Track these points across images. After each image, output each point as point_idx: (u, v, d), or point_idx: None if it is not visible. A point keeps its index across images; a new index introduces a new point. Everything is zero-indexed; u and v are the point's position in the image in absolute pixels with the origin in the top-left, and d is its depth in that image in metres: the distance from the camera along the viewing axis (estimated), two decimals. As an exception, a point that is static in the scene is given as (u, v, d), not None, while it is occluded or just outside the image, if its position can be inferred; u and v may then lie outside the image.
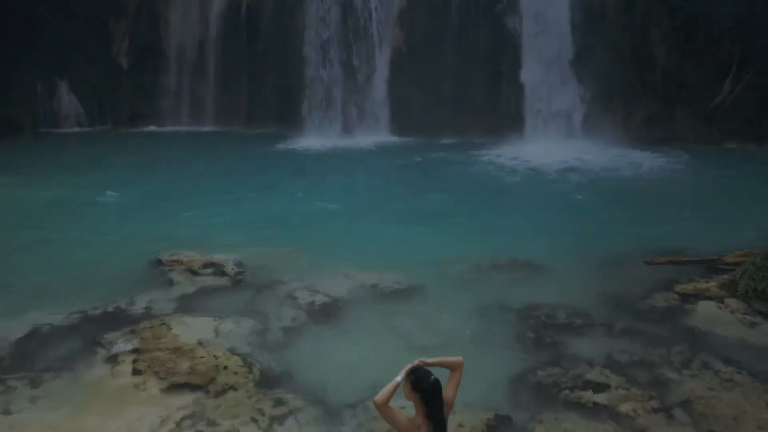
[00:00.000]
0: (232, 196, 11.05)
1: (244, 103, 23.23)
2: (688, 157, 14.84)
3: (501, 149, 16.81)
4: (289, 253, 7.54)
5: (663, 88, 18.16)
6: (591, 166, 13.57)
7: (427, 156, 15.39)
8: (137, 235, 8.66)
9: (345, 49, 20.11)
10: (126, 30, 23.08)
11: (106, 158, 16.10)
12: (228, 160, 15.37)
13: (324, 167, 14.09)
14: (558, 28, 18.27)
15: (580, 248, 7.60)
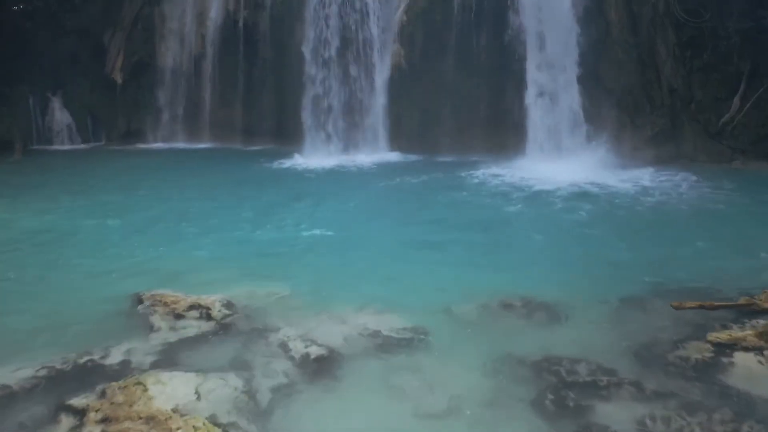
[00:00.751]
0: (222, 224, 10.43)
1: (240, 119, 22.83)
2: (701, 177, 14.28)
3: (504, 169, 16.28)
4: (282, 292, 6.95)
5: (670, 106, 17.69)
6: (599, 188, 12.99)
7: (427, 176, 14.84)
8: (118, 268, 8.07)
9: (344, 65, 19.67)
10: (121, 45, 22.68)
11: (94, 178, 15.55)
12: (221, 181, 14.81)
13: (320, 189, 13.51)
14: (562, 44, 17.83)
15: (595, 285, 7.01)
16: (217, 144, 22.75)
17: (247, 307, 6.51)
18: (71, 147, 22.20)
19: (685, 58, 17.61)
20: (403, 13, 19.17)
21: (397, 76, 19.47)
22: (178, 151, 21.27)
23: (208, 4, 22.90)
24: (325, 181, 14.66)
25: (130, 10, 23.07)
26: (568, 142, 17.52)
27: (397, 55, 19.36)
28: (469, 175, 15.03)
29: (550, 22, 18.02)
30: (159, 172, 16.20)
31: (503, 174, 15.11)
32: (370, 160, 17.98)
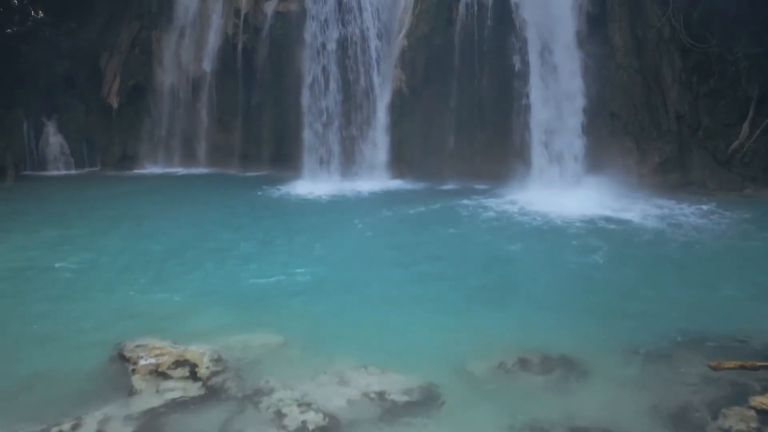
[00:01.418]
0: (213, 261, 9.82)
1: (238, 144, 22.44)
2: (714, 207, 13.77)
3: (509, 198, 15.79)
4: (276, 344, 6.39)
5: (677, 132, 17.28)
6: (610, 221, 12.44)
7: (429, 206, 14.31)
8: (99, 312, 7.47)
9: (344, 90, 19.31)
10: (117, 69, 22.35)
11: (84, 207, 14.97)
12: (214, 212, 14.22)
13: (318, 221, 12.92)
14: (566, 69, 17.48)
15: (617, 336, 6.45)
16: (215, 169, 22.30)
17: (239, 362, 5.95)
18: (65, 172, 21.72)
19: (691, 83, 17.27)
20: (403, 38, 18.85)
21: (398, 102, 19.09)
22: (174, 177, 20.79)
23: (207, 28, 22.66)
24: (323, 212, 14.12)
25: (128, 33, 22.80)
26: (574, 169, 17.06)
27: (398, 80, 19.00)
28: (472, 204, 14.51)
29: (554, 46, 17.70)
30: (151, 201, 15.66)
31: (508, 204, 14.59)
32: (370, 188, 17.51)
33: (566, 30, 17.65)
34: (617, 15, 17.77)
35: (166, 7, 22.60)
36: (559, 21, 17.72)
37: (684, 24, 16.88)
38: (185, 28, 22.73)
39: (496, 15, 17.89)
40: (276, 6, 21.49)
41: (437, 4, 18.53)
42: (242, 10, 21.98)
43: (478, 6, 18.04)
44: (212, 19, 22.57)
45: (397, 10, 19.81)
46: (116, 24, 22.98)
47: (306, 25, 19.73)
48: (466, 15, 18.16)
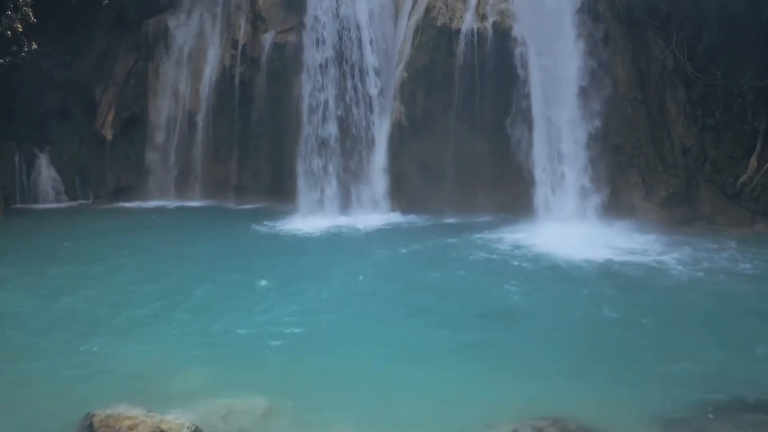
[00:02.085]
0: (198, 309, 9.14)
1: (234, 176, 22.04)
2: (727, 245, 13.19)
3: (510, 233, 15.27)
4: (262, 408, 5.79)
5: (684, 165, 16.86)
6: (618, 261, 11.82)
7: (430, 244, 13.75)
8: (65, 374, 6.80)
9: (342, 122, 18.93)
10: (112, 100, 22.07)
11: (70, 245, 14.41)
12: (205, 250, 13.59)
13: (312, 262, 12.28)
14: (569, 101, 17.15)
15: (640, 406, 5.82)
16: (210, 201, 21.84)
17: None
18: (57, 205, 21.24)
19: (696, 116, 16.90)
20: (403, 69, 18.56)
21: (397, 134, 18.70)
22: (167, 210, 20.27)
23: (204, 59, 22.44)
24: (318, 251, 13.53)
25: (124, 65, 22.57)
26: (578, 204, 16.59)
27: (398, 112, 18.65)
28: (475, 242, 13.95)
29: (556, 78, 17.39)
30: (138, 239, 15.05)
31: (512, 241, 14.03)
32: (369, 222, 16.98)
33: (568, 61, 17.38)
34: (619, 47, 17.50)
35: (163, 39, 22.40)
36: (561, 53, 17.48)
37: (688, 56, 16.59)
38: (182, 59, 22.50)
39: (497, 47, 17.62)
40: (274, 37, 21.29)
41: (437, 36, 18.27)
42: (240, 42, 21.79)
43: (478, 38, 17.77)
44: (209, 51, 22.38)
45: (396, 42, 19.58)
46: (112, 55, 22.78)
47: (304, 56, 19.44)
48: (466, 47, 17.88)
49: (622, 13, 17.47)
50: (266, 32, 21.59)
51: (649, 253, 12.53)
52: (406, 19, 19.60)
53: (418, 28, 18.60)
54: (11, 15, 18.22)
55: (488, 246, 13.41)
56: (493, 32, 17.65)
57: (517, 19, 17.57)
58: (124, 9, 22.04)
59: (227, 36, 22.14)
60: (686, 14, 16.26)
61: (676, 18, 16.49)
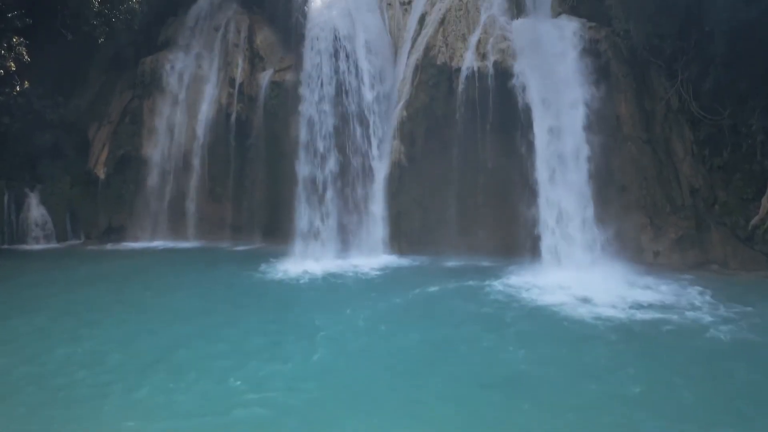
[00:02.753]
0: (178, 373, 8.30)
1: (229, 216, 21.49)
2: (746, 294, 12.47)
3: (515, 278, 14.62)
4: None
5: (693, 206, 16.34)
6: (635, 314, 11.04)
7: (430, 291, 13.06)
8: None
9: (340, 162, 18.47)
10: (106, 139, 21.66)
11: (49, 292, 13.63)
12: (193, 299, 12.77)
13: (306, 314, 11.40)
14: (572, 141, 16.71)
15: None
16: (204, 242, 21.24)
17: None
18: (46, 246, 20.59)
19: (703, 156, 16.48)
20: (403, 108, 18.20)
21: (396, 173, 18.23)
22: (159, 252, 19.62)
23: (201, 97, 22.15)
24: (312, 301, 12.75)
25: (119, 103, 22.26)
26: (584, 247, 15.96)
27: (397, 151, 18.22)
28: (477, 290, 13.23)
29: (559, 118, 16.99)
30: (125, 286, 14.29)
31: (516, 290, 13.32)
32: (368, 265, 16.33)
33: (571, 100, 17.02)
34: (622, 86, 17.19)
35: (160, 77, 22.13)
36: (563, 90, 17.13)
37: (693, 95, 16.25)
38: (178, 97, 22.20)
39: (498, 86, 17.30)
40: (271, 76, 21.04)
41: (437, 74, 17.97)
42: (237, 80, 21.55)
43: (479, 76, 17.46)
44: (206, 89, 22.11)
45: (395, 81, 19.30)
46: (107, 94, 22.50)
47: (301, 94, 19.10)
48: (467, 85, 17.55)
49: (624, 51, 17.22)
50: (264, 70, 21.38)
51: (666, 304, 11.72)
52: (405, 58, 19.38)
53: (417, 67, 18.33)
54: (4, 54, 17.94)
55: (491, 295, 12.66)
56: (494, 71, 17.35)
57: (518, 58, 17.28)
58: (121, 48, 21.82)
59: (224, 74, 21.90)
60: (691, 53, 15.97)
61: (680, 57, 16.20)
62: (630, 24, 16.61)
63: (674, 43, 16.12)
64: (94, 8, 19.00)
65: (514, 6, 18.70)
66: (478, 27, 18.18)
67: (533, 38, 17.61)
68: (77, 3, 18.82)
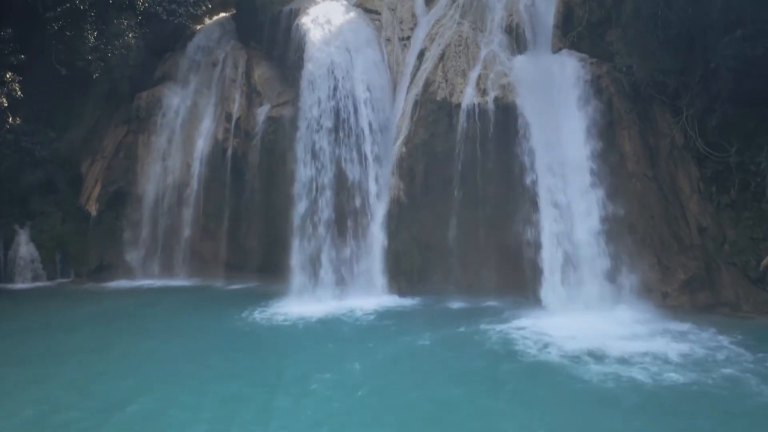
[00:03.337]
0: None
1: (224, 253, 20.94)
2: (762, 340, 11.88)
3: (520, 323, 13.97)
4: None
5: (701, 246, 15.80)
6: (652, 365, 10.34)
7: (428, 338, 12.31)
8: None
9: (338, 199, 18.00)
10: (99, 174, 21.24)
11: (26, 338, 12.94)
12: (181, 346, 12.04)
13: (299, 365, 10.71)
14: (576, 178, 16.33)
15: None
16: (197, 280, 20.64)
17: None
18: (33, 285, 19.97)
19: (711, 193, 16.01)
20: (402, 144, 17.82)
21: (395, 211, 17.73)
22: (150, 291, 18.99)
23: (197, 132, 21.83)
24: (307, 348, 12.05)
25: (113, 138, 21.91)
26: (590, 289, 15.41)
27: (396, 188, 17.76)
28: (480, 337, 12.54)
29: (562, 153, 16.64)
30: (111, 329, 13.47)
31: (522, 336, 12.63)
32: (366, 307, 15.71)
33: (573, 137, 16.69)
34: (625, 122, 16.86)
35: (155, 111, 21.85)
36: (565, 127, 16.83)
37: (699, 131, 15.89)
38: (174, 132, 21.88)
39: (499, 122, 16.97)
40: (269, 111, 20.74)
41: (437, 110, 17.64)
42: (234, 115, 21.25)
43: (479, 112, 17.13)
44: (202, 123, 21.80)
45: (394, 116, 18.98)
46: (102, 129, 22.17)
47: (299, 130, 18.76)
48: (467, 121, 17.21)
49: (626, 87, 16.95)
50: (261, 106, 21.09)
51: (687, 356, 10.78)
52: (404, 93, 19.11)
53: (417, 103, 18.03)
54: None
55: (494, 345, 11.91)
56: (495, 107, 17.03)
57: (520, 94, 16.99)
58: (116, 83, 21.57)
59: (221, 109, 21.61)
60: (696, 89, 15.67)
61: (684, 93, 15.90)
62: (632, 60, 16.39)
63: (678, 78, 15.84)
64: (89, 43, 18.80)
65: (515, 42, 18.49)
66: (478, 63, 17.94)
67: (534, 74, 17.37)
68: (72, 38, 18.63)
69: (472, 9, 19.40)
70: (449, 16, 19.68)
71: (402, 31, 20.67)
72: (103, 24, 19.17)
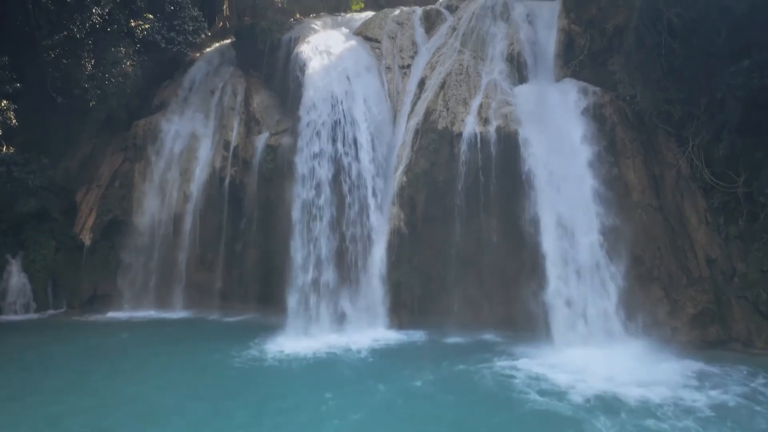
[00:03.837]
0: None
1: (220, 283, 20.48)
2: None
3: (524, 361, 13.51)
4: None
5: (710, 279, 15.37)
6: (669, 414, 9.77)
7: (429, 379, 11.81)
8: None
9: (337, 229, 17.61)
10: (94, 203, 20.85)
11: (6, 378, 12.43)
12: (169, 388, 11.43)
13: (295, 407, 10.19)
14: (581, 208, 15.94)
15: None
16: (192, 311, 20.10)
17: None
18: (24, 317, 19.42)
19: (718, 224, 15.61)
20: (402, 173, 17.49)
21: (396, 242, 17.32)
22: (143, 324, 18.43)
23: (194, 161, 21.52)
24: (303, 389, 11.44)
25: (109, 166, 21.60)
26: (597, 323, 14.91)
27: (397, 218, 17.38)
28: (481, 374, 12.03)
29: (565, 183, 16.27)
30: (96, 367, 12.86)
31: (527, 376, 12.06)
32: (365, 343, 15.18)
33: (577, 166, 16.36)
34: (629, 151, 16.58)
35: (152, 139, 21.57)
36: (568, 155, 16.51)
37: (705, 161, 15.57)
38: (171, 160, 21.57)
39: (501, 151, 16.66)
40: (267, 139, 20.49)
41: (438, 139, 17.36)
42: (232, 143, 20.98)
43: (481, 141, 16.84)
44: (200, 152, 21.51)
45: (395, 145, 18.68)
46: (98, 157, 21.87)
47: (297, 159, 18.45)
48: (469, 151, 16.91)
49: (630, 116, 16.73)
50: (259, 134, 20.84)
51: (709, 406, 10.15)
52: (404, 122, 18.85)
53: (417, 131, 17.76)
54: (-9, 118, 17.42)
55: (498, 386, 11.26)
56: (497, 136, 16.74)
57: (522, 123, 16.71)
58: (113, 111, 21.33)
59: (219, 137, 21.34)
60: (701, 119, 15.38)
61: (690, 122, 15.62)
62: (636, 89, 16.16)
63: (683, 108, 15.57)
64: (86, 72, 18.58)
65: (516, 70, 18.31)
66: (479, 91, 17.72)
67: (536, 103, 17.14)
68: (69, 66, 18.42)
69: (472, 38, 19.27)
70: (449, 44, 19.55)
71: (402, 59, 20.52)
72: (101, 52, 18.98)
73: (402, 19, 21.71)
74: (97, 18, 18.24)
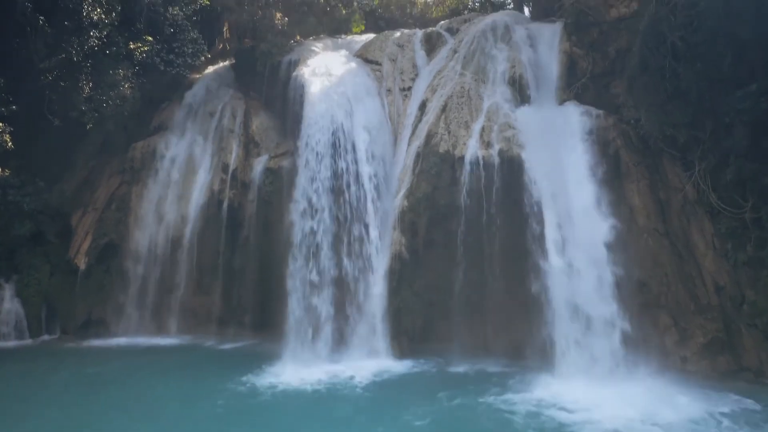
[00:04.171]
0: None
1: (217, 309, 20.10)
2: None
3: (530, 389, 13.16)
4: None
5: (719, 306, 14.99)
6: None
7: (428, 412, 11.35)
8: None
9: (337, 255, 17.24)
10: (90, 227, 20.53)
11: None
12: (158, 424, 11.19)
13: None
14: (585, 234, 15.57)
15: None
16: (189, 337, 19.68)
17: None
18: (16, 343, 18.97)
19: (726, 250, 15.26)
20: (403, 197, 17.19)
21: (397, 267, 16.94)
22: (137, 351, 17.95)
23: (192, 184, 21.24)
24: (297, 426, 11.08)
25: (106, 189, 21.31)
26: (604, 353, 14.48)
27: (398, 243, 17.04)
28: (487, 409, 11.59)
29: (569, 207, 15.97)
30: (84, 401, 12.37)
31: (533, 410, 11.68)
32: (365, 373, 14.73)
33: (581, 189, 16.10)
34: (633, 175, 16.31)
35: (150, 162, 21.33)
36: (571, 179, 16.26)
37: (712, 186, 15.27)
38: (169, 183, 21.30)
39: (504, 175, 16.38)
40: (266, 162, 20.24)
41: (439, 163, 17.09)
42: (231, 166, 20.72)
43: (483, 165, 16.57)
44: (198, 175, 21.24)
45: (396, 168, 18.42)
46: (95, 179, 21.60)
47: (297, 182, 18.16)
48: (471, 175, 16.63)
49: (634, 140, 16.48)
50: (258, 156, 20.61)
51: None
52: (405, 145, 18.61)
53: (419, 155, 17.50)
54: (-14, 142, 17.18)
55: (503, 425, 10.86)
56: (500, 160, 16.48)
57: (525, 147, 16.47)
58: (111, 134, 21.10)
59: (218, 159, 21.09)
60: (707, 143, 15.13)
61: (695, 147, 15.36)
62: (640, 113, 15.94)
63: (688, 132, 15.33)
64: (83, 94, 18.38)
65: (518, 93, 18.11)
66: (481, 114, 17.51)
67: (539, 126, 16.91)
68: (66, 88, 18.22)
69: (473, 60, 19.12)
70: (450, 67, 19.39)
71: (403, 81, 20.36)
72: (99, 74, 18.81)
73: (403, 42, 21.61)
74: (95, 41, 18.10)
